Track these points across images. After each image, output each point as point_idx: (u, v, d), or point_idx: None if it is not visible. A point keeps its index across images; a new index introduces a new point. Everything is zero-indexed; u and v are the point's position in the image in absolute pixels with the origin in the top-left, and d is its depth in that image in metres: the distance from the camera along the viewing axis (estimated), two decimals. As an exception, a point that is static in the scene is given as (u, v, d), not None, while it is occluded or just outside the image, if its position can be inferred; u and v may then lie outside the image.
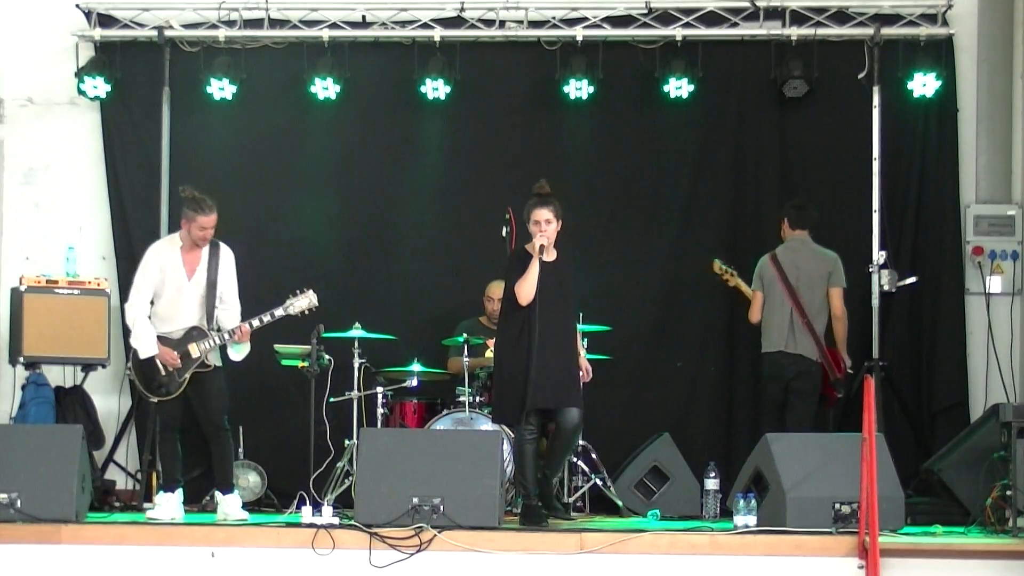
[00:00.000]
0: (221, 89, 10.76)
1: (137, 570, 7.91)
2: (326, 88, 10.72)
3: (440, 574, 7.78)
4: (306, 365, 9.21)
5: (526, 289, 8.58)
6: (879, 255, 10.41)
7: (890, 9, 10.67)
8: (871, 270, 10.40)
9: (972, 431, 9.43)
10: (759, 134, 10.87)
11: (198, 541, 7.98)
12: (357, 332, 9.72)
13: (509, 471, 8.95)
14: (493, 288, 10.12)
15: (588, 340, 9.85)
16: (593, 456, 9.84)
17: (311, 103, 10.83)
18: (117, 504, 10.02)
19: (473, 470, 8.12)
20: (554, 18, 10.79)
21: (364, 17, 10.85)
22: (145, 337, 8.83)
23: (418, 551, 7.78)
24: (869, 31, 10.59)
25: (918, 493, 9.42)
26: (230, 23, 10.82)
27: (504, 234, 9.04)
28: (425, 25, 10.82)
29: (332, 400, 9.60)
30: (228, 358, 9.01)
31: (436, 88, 10.67)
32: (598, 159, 10.94)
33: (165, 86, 10.87)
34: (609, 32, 10.77)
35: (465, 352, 9.81)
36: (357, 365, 9.71)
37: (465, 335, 9.88)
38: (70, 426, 9.28)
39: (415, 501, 7.96)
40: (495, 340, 9.03)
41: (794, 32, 10.65)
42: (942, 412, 10.56)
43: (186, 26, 10.86)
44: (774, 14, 10.72)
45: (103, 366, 10.28)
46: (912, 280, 10.44)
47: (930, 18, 10.63)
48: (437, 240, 10.94)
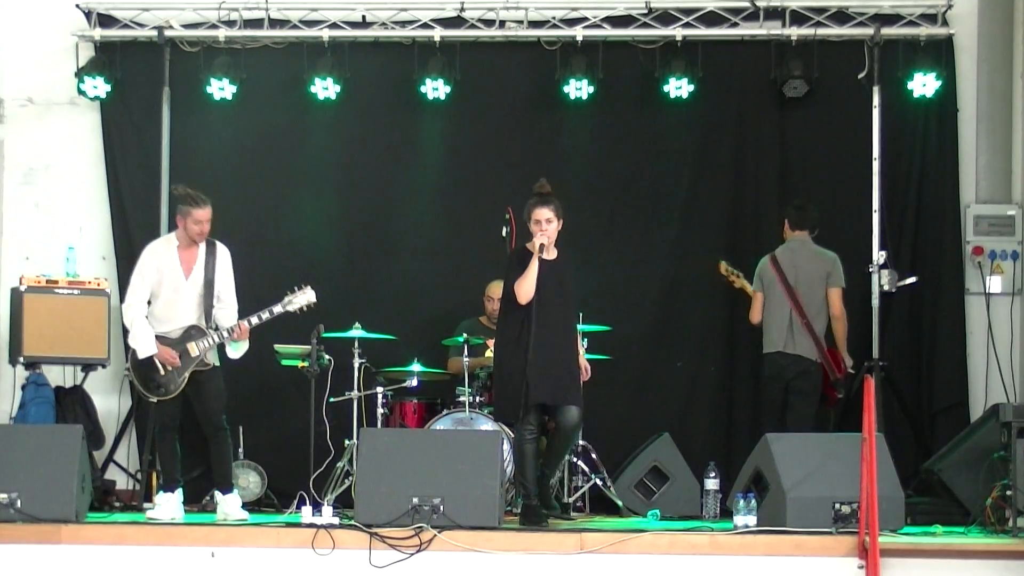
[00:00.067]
0: (221, 89, 10.76)
1: (137, 570, 7.91)
2: (326, 88, 10.72)
3: (440, 574, 7.78)
4: (306, 365, 9.20)
5: (525, 287, 8.57)
6: (879, 255, 10.41)
7: (890, 9, 10.67)
8: (871, 270, 10.40)
9: (972, 431, 9.44)
10: (759, 134, 10.87)
11: (198, 541, 7.98)
12: (357, 332, 9.71)
13: (509, 471, 8.95)
14: (493, 288, 10.12)
15: (588, 340, 9.84)
16: (593, 456, 9.83)
17: (311, 103, 10.83)
18: (117, 504, 10.02)
19: (473, 470, 8.12)
20: (554, 18, 10.79)
21: (364, 17, 10.85)
22: (144, 337, 8.83)
23: (418, 551, 7.78)
24: (869, 31, 10.59)
25: (918, 493, 9.42)
26: (230, 23, 10.82)
27: (504, 234, 9.04)
28: (425, 25, 10.82)
29: (332, 400, 9.60)
30: (226, 357, 9.02)
31: (436, 88, 10.67)
32: (598, 159, 10.93)
33: (165, 86, 10.87)
34: (609, 32, 10.77)
35: (465, 352, 9.80)
36: (357, 365, 9.71)
37: (465, 335, 9.88)
38: (70, 426, 9.28)
39: (415, 501, 7.96)
40: (495, 339, 9.04)
41: (794, 32, 10.65)
42: (942, 412, 10.56)
43: (186, 26, 10.86)
44: (774, 14, 10.71)
45: (103, 366, 10.28)
46: (912, 280, 10.44)
47: (930, 18, 10.63)
48: (437, 240, 10.94)
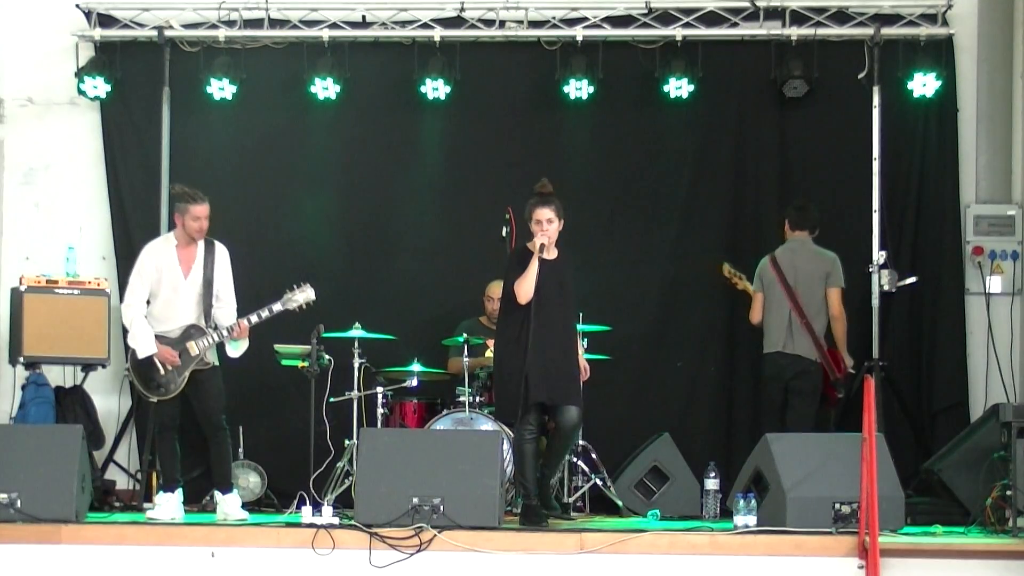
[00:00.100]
0: (221, 89, 10.75)
1: (137, 570, 7.91)
2: (326, 88, 10.72)
3: (440, 574, 7.78)
4: (306, 365, 9.20)
5: (525, 287, 8.57)
6: (879, 255, 10.41)
7: (890, 9, 10.67)
8: (871, 270, 10.40)
9: (972, 431, 9.44)
10: (759, 134, 10.87)
11: (198, 541, 7.98)
12: (357, 332, 9.71)
13: (509, 471, 8.95)
14: (493, 288, 10.12)
15: (588, 340, 9.85)
16: (593, 456, 9.83)
17: (311, 103, 10.82)
18: (117, 504, 10.01)
19: (473, 470, 8.12)
20: (554, 18, 10.79)
21: (364, 17, 10.85)
22: (143, 336, 8.83)
23: (418, 551, 7.78)
24: (869, 31, 10.59)
25: (918, 493, 9.42)
26: (230, 23, 10.82)
27: (504, 234, 9.04)
28: (425, 25, 10.81)
29: (332, 400, 9.59)
30: (226, 357, 9.02)
31: (436, 88, 10.66)
32: (598, 159, 10.93)
33: (165, 86, 10.86)
34: (609, 32, 10.77)
35: (465, 352, 9.80)
36: (357, 365, 9.70)
37: (465, 335, 9.88)
38: (70, 426, 9.28)
39: (415, 501, 7.97)
40: (495, 339, 9.03)
41: (794, 32, 10.65)
42: (942, 412, 10.55)
43: (186, 26, 10.85)
44: (774, 14, 10.71)
45: (103, 366, 10.28)
46: (912, 280, 10.43)
47: (930, 18, 10.63)
48: (437, 240, 10.94)
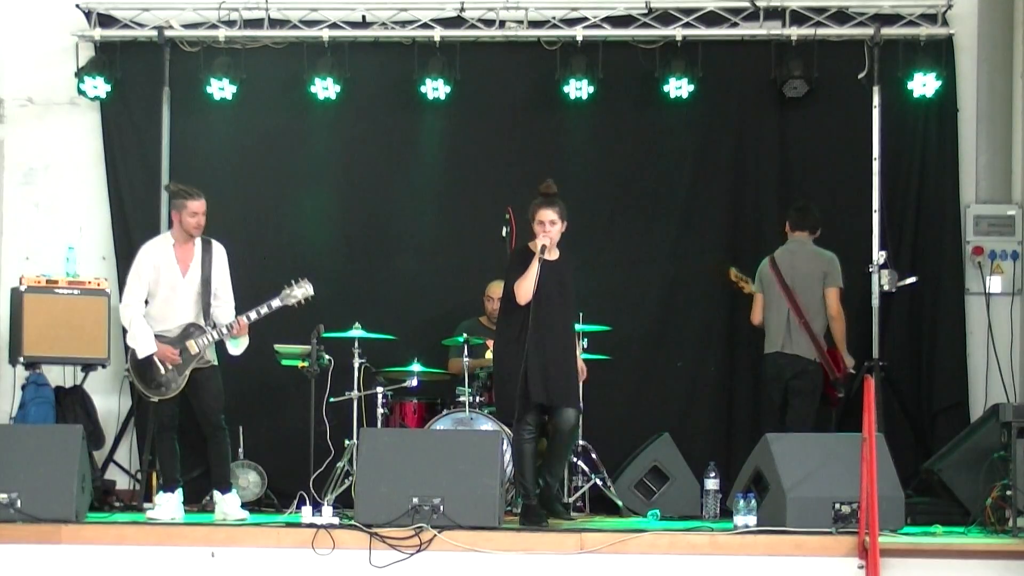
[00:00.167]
0: (221, 89, 10.75)
1: (137, 570, 7.91)
2: (326, 88, 10.72)
3: (440, 574, 7.78)
4: (306, 365, 9.20)
5: (525, 288, 8.57)
6: (879, 255, 10.41)
7: (890, 9, 10.67)
8: (871, 270, 10.40)
9: (972, 431, 9.43)
10: (759, 134, 10.87)
11: (198, 541, 7.98)
12: (357, 332, 9.71)
13: (509, 471, 8.94)
14: (493, 288, 10.12)
15: (588, 340, 9.85)
16: (593, 456, 9.83)
17: (311, 103, 10.82)
18: (117, 504, 10.01)
19: (473, 470, 8.12)
20: (554, 18, 10.79)
21: (364, 17, 10.85)
22: (143, 336, 8.82)
23: (418, 551, 7.78)
24: (869, 31, 10.59)
25: (918, 493, 9.42)
26: (230, 23, 10.82)
27: (504, 234, 9.05)
28: (425, 25, 10.81)
29: (332, 400, 9.59)
30: (226, 356, 9.01)
31: (436, 88, 10.66)
32: (598, 159, 10.93)
33: (165, 86, 10.86)
34: (609, 32, 10.77)
35: (465, 352, 9.80)
36: (357, 365, 9.70)
37: (465, 335, 9.88)
38: (70, 426, 9.27)
39: (415, 501, 7.97)
40: (495, 338, 9.03)
41: (794, 32, 10.65)
42: (942, 412, 10.55)
43: (186, 26, 10.85)
44: (774, 14, 10.71)
45: (103, 366, 10.28)
46: (912, 280, 10.43)
47: (930, 18, 10.63)
48: (437, 240, 10.94)
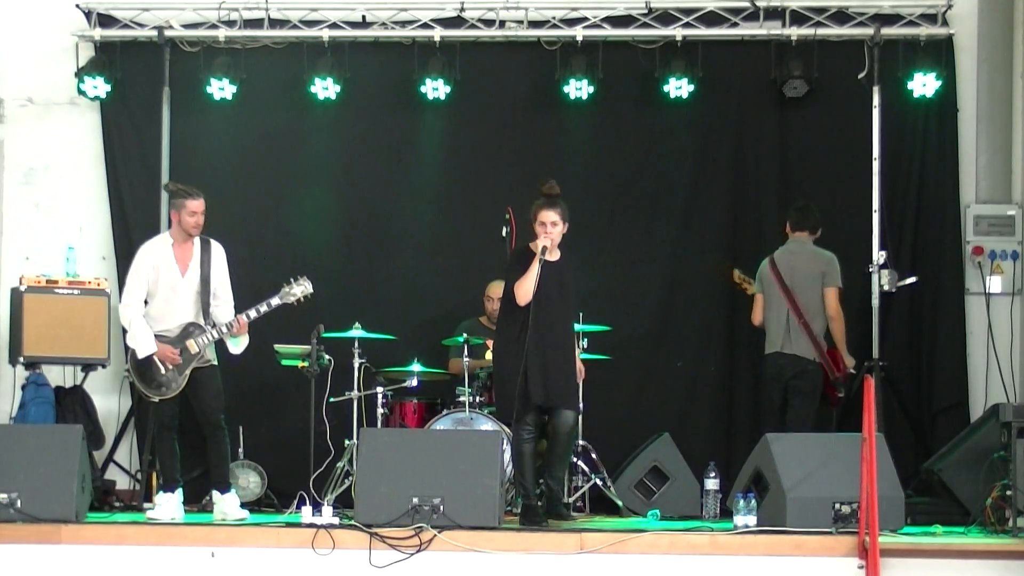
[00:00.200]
0: (221, 89, 10.75)
1: (137, 570, 7.91)
2: (326, 88, 10.72)
3: (440, 574, 7.78)
4: (306, 365, 9.20)
5: (525, 288, 8.56)
6: (879, 255, 10.41)
7: (890, 9, 10.67)
8: (871, 270, 10.40)
9: (972, 431, 9.43)
10: (759, 134, 10.87)
11: (198, 541, 7.98)
12: (357, 332, 9.71)
13: (509, 471, 8.94)
14: (493, 288, 10.12)
15: (588, 340, 9.85)
16: (593, 456, 9.83)
17: (311, 103, 10.82)
18: (117, 504, 10.01)
19: (473, 470, 8.12)
20: (554, 18, 10.79)
21: (364, 17, 10.85)
22: (143, 336, 8.82)
23: (418, 551, 7.78)
24: (869, 31, 10.59)
25: (918, 493, 9.42)
26: (230, 23, 10.82)
27: (504, 234, 9.05)
28: (425, 25, 10.81)
29: (332, 400, 9.59)
30: (225, 356, 9.01)
31: (436, 88, 10.66)
32: (598, 159, 10.93)
33: (165, 86, 10.86)
34: (609, 32, 10.77)
35: (465, 352, 9.80)
36: (357, 365, 9.70)
37: (465, 335, 9.87)
38: (70, 426, 9.27)
39: (415, 501, 7.97)
40: (495, 338, 9.03)
41: (794, 32, 10.65)
42: (942, 412, 10.55)
43: (186, 26, 10.85)
44: (774, 14, 10.71)
45: (103, 366, 10.28)
46: (912, 280, 10.43)
47: (930, 18, 10.63)
48: (437, 240, 10.94)
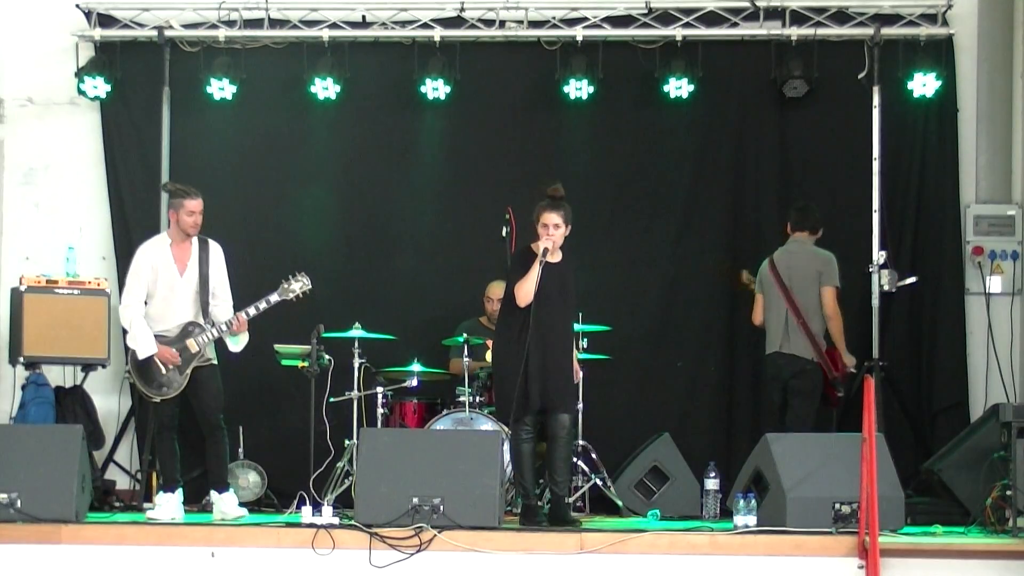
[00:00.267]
0: (221, 89, 10.75)
1: (137, 570, 7.91)
2: (326, 88, 10.72)
3: (440, 574, 7.78)
4: (306, 365, 9.19)
5: (526, 289, 8.55)
6: (879, 255, 10.41)
7: (890, 9, 10.67)
8: (871, 270, 10.40)
9: (972, 431, 9.43)
10: (759, 134, 10.87)
11: (198, 541, 7.98)
12: (357, 332, 9.71)
13: (509, 471, 8.94)
14: (493, 288, 10.12)
15: (588, 340, 9.85)
16: (593, 456, 9.82)
17: (311, 103, 10.82)
18: (117, 504, 10.00)
19: (473, 470, 8.12)
20: (554, 18, 10.79)
21: (364, 17, 10.85)
22: (143, 337, 8.82)
23: (418, 551, 7.78)
24: (869, 31, 10.59)
25: (918, 493, 9.42)
26: (230, 23, 10.82)
27: (504, 234, 9.06)
28: (425, 25, 10.81)
29: (332, 400, 9.59)
30: (225, 356, 9.01)
31: (436, 88, 10.66)
32: (598, 159, 10.93)
33: (165, 86, 10.86)
34: (609, 32, 10.77)
35: (465, 352, 9.80)
36: (357, 365, 9.70)
37: (465, 335, 9.87)
38: (70, 426, 9.27)
39: (415, 501, 7.97)
40: (495, 338, 9.02)
41: (794, 32, 10.65)
42: (942, 412, 10.55)
43: (186, 26, 10.85)
44: (774, 14, 10.71)
45: (103, 366, 10.28)
46: (912, 280, 10.43)
47: (930, 18, 10.63)
48: (437, 240, 10.94)
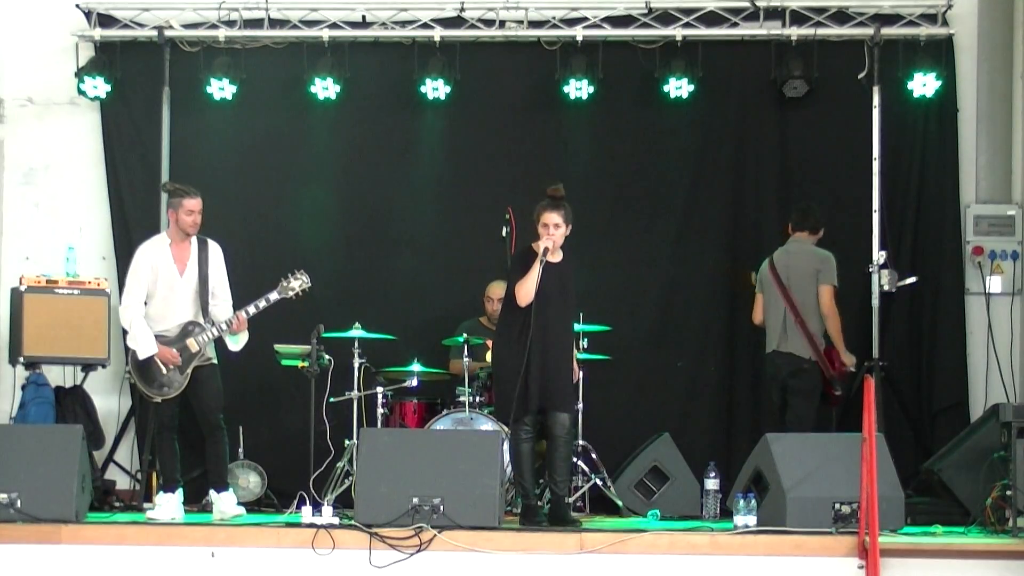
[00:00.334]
0: (221, 89, 10.75)
1: (137, 570, 7.91)
2: (326, 88, 10.72)
3: (440, 574, 7.78)
4: (306, 365, 9.19)
5: (526, 290, 8.55)
6: (879, 255, 10.41)
7: (890, 9, 10.66)
8: (871, 270, 10.40)
9: (972, 431, 9.43)
10: (759, 134, 10.86)
11: (198, 541, 7.98)
12: (357, 332, 9.71)
13: (509, 471, 8.94)
14: (493, 288, 10.12)
15: (588, 340, 9.85)
16: (593, 456, 9.83)
17: (311, 103, 10.82)
18: (117, 504, 10.01)
19: (473, 470, 8.12)
20: (554, 18, 10.79)
21: (364, 17, 10.85)
22: (144, 337, 8.82)
23: (418, 551, 7.78)
24: (869, 31, 10.59)
25: (918, 493, 9.42)
26: (230, 23, 10.82)
27: (504, 234, 9.05)
28: (425, 25, 10.81)
29: (332, 400, 9.59)
30: (225, 356, 9.01)
31: (436, 88, 10.66)
32: (598, 159, 10.93)
33: (165, 86, 10.86)
34: (609, 32, 10.77)
35: (465, 352, 9.80)
36: (357, 365, 9.70)
37: (465, 335, 9.87)
38: (70, 426, 9.27)
39: (415, 501, 7.97)
40: (495, 338, 9.02)
41: (794, 32, 10.65)
42: (942, 412, 10.55)
43: (186, 26, 10.85)
44: (774, 14, 10.71)
45: (103, 366, 10.27)
46: (912, 280, 10.43)
47: (930, 18, 10.63)
48: (437, 240, 10.94)
